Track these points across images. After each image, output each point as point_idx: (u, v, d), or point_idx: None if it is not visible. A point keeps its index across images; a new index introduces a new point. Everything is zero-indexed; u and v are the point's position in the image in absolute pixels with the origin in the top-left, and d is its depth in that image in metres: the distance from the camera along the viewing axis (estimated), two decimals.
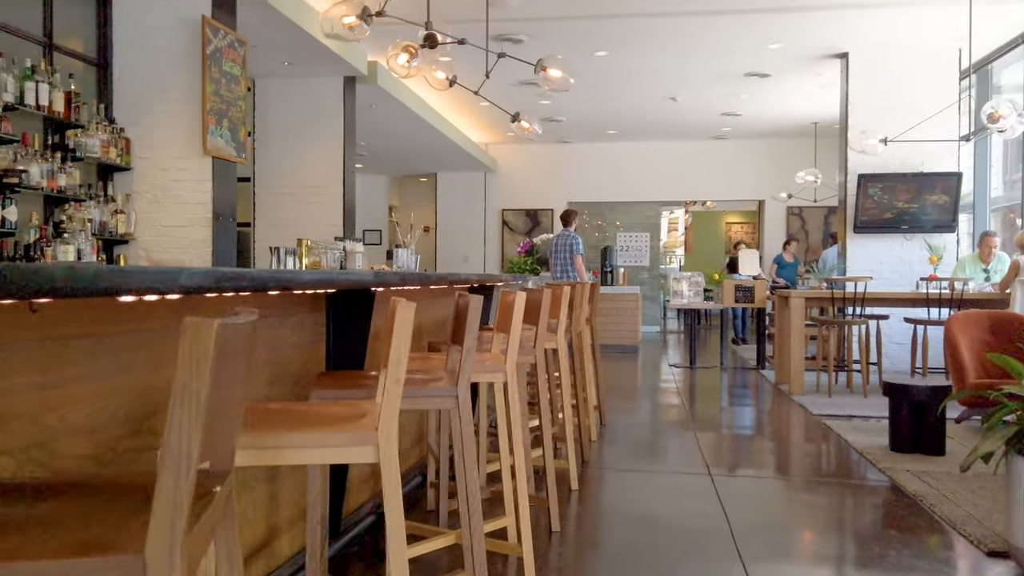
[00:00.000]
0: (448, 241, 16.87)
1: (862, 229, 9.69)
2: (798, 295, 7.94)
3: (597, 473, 4.87)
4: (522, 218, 16.69)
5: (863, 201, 9.65)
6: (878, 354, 8.37)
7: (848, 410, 6.97)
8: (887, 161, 9.63)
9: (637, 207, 16.59)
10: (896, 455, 5.16)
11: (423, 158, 15.32)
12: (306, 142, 8.78)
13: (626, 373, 10.05)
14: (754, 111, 13.23)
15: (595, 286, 6.67)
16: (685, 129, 14.88)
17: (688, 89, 11.69)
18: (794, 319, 7.86)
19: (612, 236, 16.69)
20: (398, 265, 5.58)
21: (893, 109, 9.47)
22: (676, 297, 10.28)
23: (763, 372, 9.72)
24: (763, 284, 9.95)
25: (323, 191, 8.74)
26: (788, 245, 13.51)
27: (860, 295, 7.68)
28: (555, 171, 16.58)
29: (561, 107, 12.85)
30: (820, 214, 15.86)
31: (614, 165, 16.37)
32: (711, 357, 11.52)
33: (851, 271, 9.77)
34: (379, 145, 13.73)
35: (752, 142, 15.88)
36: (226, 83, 6.07)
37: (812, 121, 14.10)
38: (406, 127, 12.00)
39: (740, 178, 16.03)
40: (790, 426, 6.61)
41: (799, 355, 7.86)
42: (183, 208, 5.98)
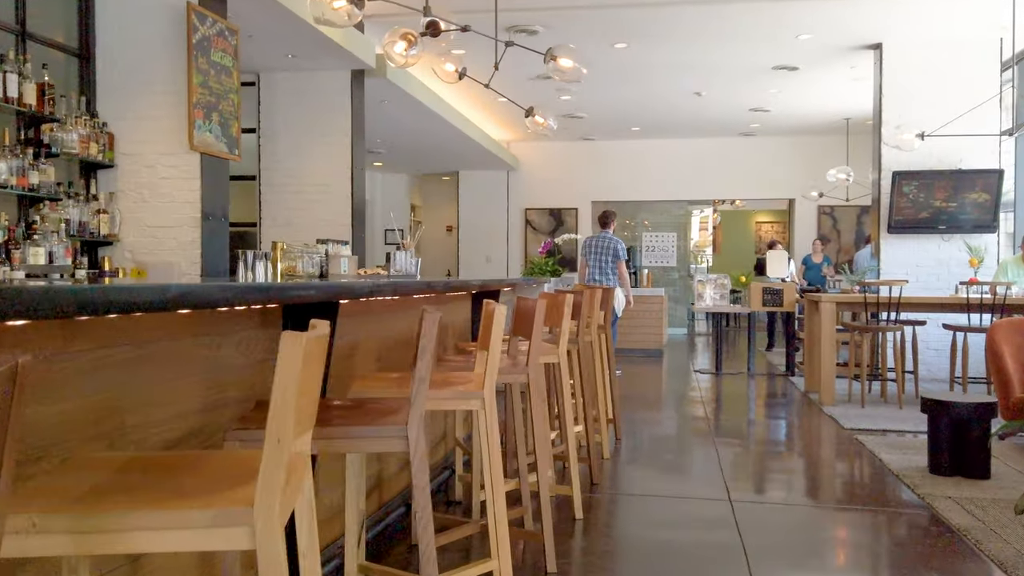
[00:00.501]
0: (470, 241, 16.51)
1: (897, 229, 9.19)
2: (829, 299, 7.48)
3: (606, 498, 4.46)
4: (546, 217, 16.29)
5: (898, 200, 9.15)
6: (914, 362, 7.89)
7: (882, 423, 6.50)
8: (923, 158, 9.13)
9: (663, 206, 16.12)
10: (936, 478, 4.70)
11: (443, 156, 14.96)
12: (313, 138, 8.44)
13: (648, 379, 9.62)
14: (783, 107, 12.73)
15: (608, 291, 6.26)
16: (711, 126, 14.40)
17: (714, 84, 11.23)
18: (825, 325, 7.39)
19: (638, 236, 16.23)
20: (395, 269, 5.20)
21: (930, 103, 8.97)
22: (699, 300, 9.83)
23: (792, 379, 9.25)
24: (792, 287, 9.48)
25: (330, 189, 8.39)
26: (816, 244, 13.03)
27: (895, 300, 7.20)
28: (579, 169, 16.16)
29: (582, 103, 12.44)
30: (852, 214, 15.31)
31: (639, 163, 15.93)
32: (738, 362, 11.05)
33: (885, 273, 9.28)
34: (397, 143, 13.39)
35: (781, 139, 15.36)
36: (215, 74, 5.72)
37: (844, 117, 13.58)
38: (422, 124, 11.64)
39: (769, 176, 15.52)
40: (820, 442, 6.16)
41: (830, 363, 7.39)
42: (170, 207, 5.64)
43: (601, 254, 9.76)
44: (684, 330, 16.07)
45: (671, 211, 16.14)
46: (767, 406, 7.76)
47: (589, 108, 12.88)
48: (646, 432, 6.46)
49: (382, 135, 12.51)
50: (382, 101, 9.90)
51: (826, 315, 7.39)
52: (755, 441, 6.17)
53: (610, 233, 9.87)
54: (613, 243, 9.73)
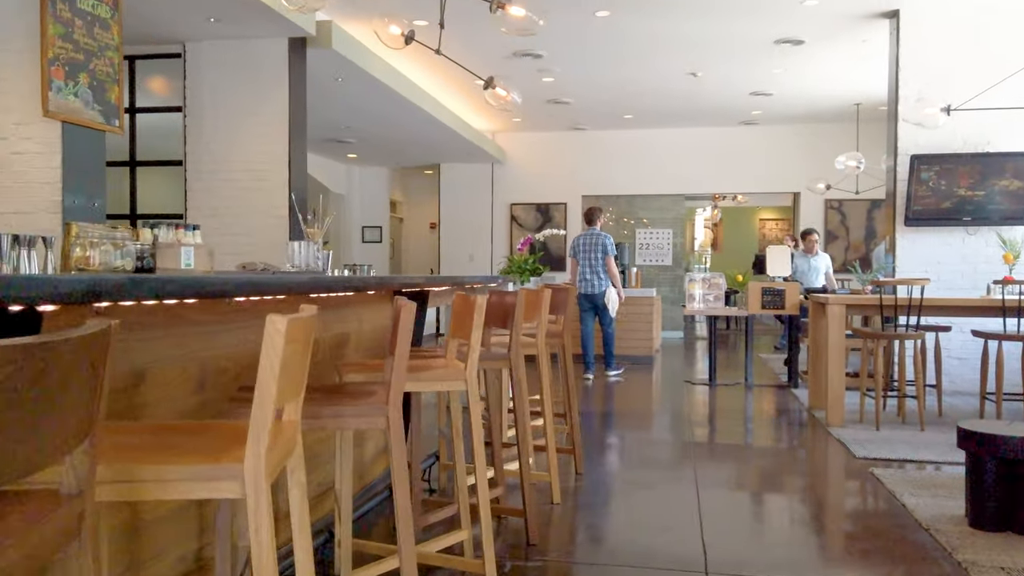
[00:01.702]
0: (453, 239, 15.44)
1: (915, 222, 8.10)
2: (838, 301, 6.38)
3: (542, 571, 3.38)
4: (532, 213, 15.22)
5: (916, 188, 8.05)
6: (937, 375, 6.79)
7: (902, 451, 5.40)
8: (945, 139, 8.05)
9: (658, 201, 15.03)
10: (978, 535, 3.61)
11: (422, 148, 13.90)
12: (245, 118, 7.39)
13: (632, 392, 8.53)
14: (787, 90, 11.63)
15: (565, 290, 5.21)
16: (710, 113, 13.30)
17: (710, 62, 10.13)
18: (832, 331, 6.30)
19: (632, 232, 15.13)
20: (292, 265, 4.13)
21: (953, 76, 7.89)
22: (690, 302, 8.73)
23: (795, 392, 8.15)
24: (795, 287, 8.38)
25: (265, 176, 7.34)
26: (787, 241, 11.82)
27: (917, 302, 6.10)
28: (568, 162, 15.09)
29: (566, 86, 11.35)
30: (862, 208, 14.20)
31: (632, 155, 14.85)
32: (736, 371, 9.95)
33: (901, 272, 8.19)
34: (368, 132, 12.32)
35: (785, 128, 14.26)
36: (84, 26, 4.66)
37: (854, 103, 12.48)
38: (390, 109, 10.57)
39: (772, 168, 14.42)
40: (826, 479, 5.06)
41: (838, 376, 6.29)
42: (25, 191, 4.58)
43: (590, 252, 9.24)
44: (680, 333, 14.97)
45: (667, 206, 15.03)
46: (765, 427, 6.66)
47: (575, 92, 11.79)
48: (614, 465, 5.38)
49: (348, 121, 11.44)
50: (337, 79, 8.84)
51: (834, 320, 6.30)
52: (748, 478, 5.08)
53: (597, 229, 9.39)
54: (601, 239, 9.23)
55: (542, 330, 4.56)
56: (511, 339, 3.87)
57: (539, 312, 4.36)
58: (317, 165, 14.49)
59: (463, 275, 8.35)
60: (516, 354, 3.95)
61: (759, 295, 8.40)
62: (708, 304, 8.70)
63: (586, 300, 9.54)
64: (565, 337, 5.04)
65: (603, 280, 9.21)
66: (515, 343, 3.88)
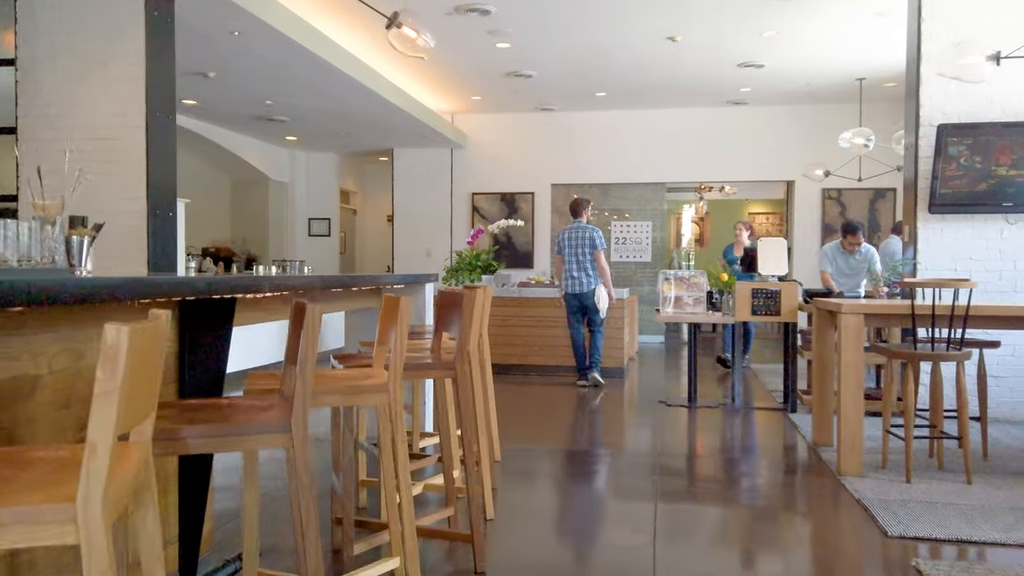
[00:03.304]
0: (408, 232, 13.84)
1: (942, 208, 6.56)
2: (854, 309, 4.79)
3: None
4: (496, 204, 13.64)
5: (943, 167, 6.50)
6: (981, 405, 5.23)
7: (953, 524, 3.83)
8: (979, 106, 6.54)
9: (636, 190, 13.46)
10: None
11: (370, 129, 12.28)
12: (91, 73, 5.77)
13: (592, 416, 6.96)
14: (780, 61, 10.06)
15: (477, 291, 3.70)
16: (693, 91, 11.73)
17: (692, 21, 8.55)
18: (848, 349, 4.72)
19: (607, 225, 13.56)
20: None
21: (990, 24, 6.34)
22: (664, 306, 7.14)
23: (793, 418, 6.59)
24: (793, 288, 6.81)
25: (116, 147, 5.71)
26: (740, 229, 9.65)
27: (961, 310, 4.54)
28: (536, 147, 13.51)
29: (525, 54, 9.75)
30: (864, 198, 12.66)
31: (607, 139, 13.29)
32: (721, 387, 8.40)
33: (923, 270, 6.66)
34: (298, 107, 10.69)
35: (778, 108, 12.70)
36: None
37: (856, 77, 10.94)
38: (315, 77, 8.95)
39: (764, 154, 12.87)
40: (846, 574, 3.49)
41: (855, 410, 4.72)
42: None
43: (578, 247, 8.27)
44: (661, 337, 13.41)
45: (646, 196, 13.47)
46: (754, 476, 5.07)
47: (537, 62, 10.20)
48: (537, 545, 3.80)
49: (269, 94, 9.81)
50: (232, 32, 7.23)
51: (850, 334, 4.72)
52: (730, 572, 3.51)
53: (584, 222, 8.42)
54: (589, 232, 8.36)
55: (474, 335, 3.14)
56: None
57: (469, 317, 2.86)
58: (251, 149, 12.87)
59: (379, 275, 6.74)
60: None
61: (749, 298, 6.83)
62: (686, 309, 7.12)
63: (574, 300, 8.33)
64: (470, 352, 3.49)
65: (592, 278, 8.27)
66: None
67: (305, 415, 1.97)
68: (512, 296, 9.23)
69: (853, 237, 7.34)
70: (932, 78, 6.66)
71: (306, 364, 1.97)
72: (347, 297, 4.54)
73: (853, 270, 7.41)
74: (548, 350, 9.11)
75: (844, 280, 7.40)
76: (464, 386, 3.32)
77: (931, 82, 6.67)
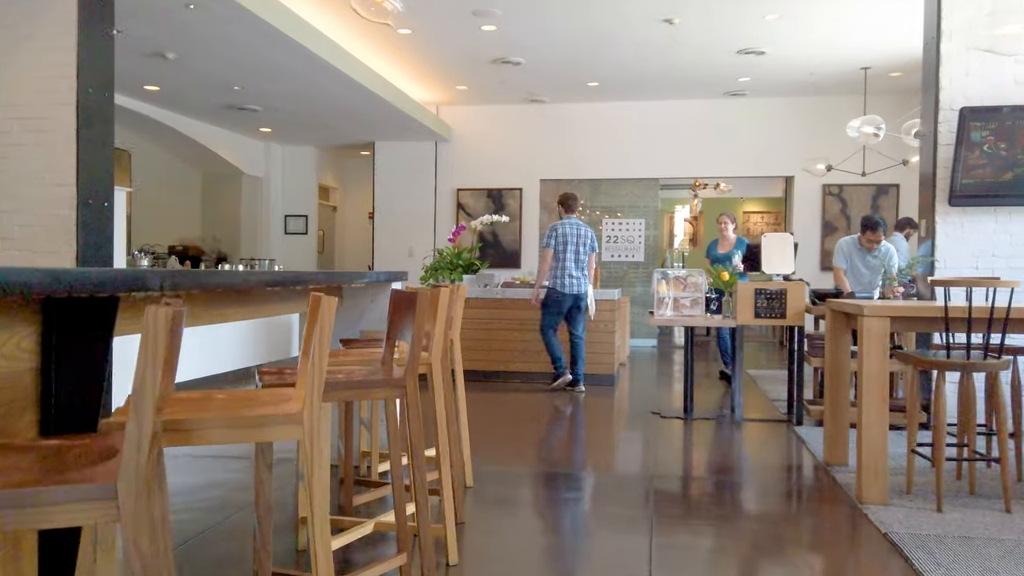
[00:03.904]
0: (390, 230, 13.20)
1: (963, 200, 5.96)
2: (879, 312, 4.17)
3: None
4: (483, 200, 13.01)
5: (965, 155, 5.90)
6: (1016, 420, 4.61)
7: (997, 565, 3.23)
8: (1004, 89, 5.94)
9: (629, 186, 12.85)
10: None
11: (349, 121, 11.65)
12: (13, 42, 5.13)
13: (576, 433, 6.34)
14: (782, 48, 9.47)
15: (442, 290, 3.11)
16: (690, 82, 11.13)
17: (691, 3, 7.94)
18: (871, 359, 4.11)
19: (597, 223, 12.96)
20: None
21: None
22: (659, 308, 6.52)
23: (799, 431, 5.98)
24: (800, 289, 6.20)
25: (43, 127, 5.08)
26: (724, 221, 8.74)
27: (1001, 313, 3.93)
28: (524, 140, 12.89)
29: (513, 38, 9.13)
30: (866, 194, 12.07)
31: (599, 133, 12.68)
32: (720, 395, 7.79)
33: (942, 269, 6.07)
34: (269, 95, 10.05)
35: (778, 100, 12.11)
36: None
37: (861, 67, 10.38)
38: (285, 60, 8.31)
39: (763, 148, 12.28)
40: None
41: (879, 428, 4.11)
42: None
43: (579, 244, 7.87)
44: (654, 341, 12.80)
45: (639, 192, 12.85)
46: (762, 502, 4.45)
47: (526, 48, 9.58)
48: None
49: (237, 79, 9.17)
50: (187, 5, 6.59)
51: (873, 339, 4.11)
52: None
53: (576, 219, 8.03)
54: (589, 231, 7.99)
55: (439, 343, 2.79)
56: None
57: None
58: (223, 141, 12.22)
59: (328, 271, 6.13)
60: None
61: (751, 299, 6.23)
62: (683, 312, 6.50)
63: (571, 301, 7.82)
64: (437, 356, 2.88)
65: (587, 279, 7.90)
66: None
67: (138, 468, 1.34)
68: (495, 297, 8.61)
69: (873, 234, 6.64)
70: (953, 57, 6.07)
71: (143, 394, 1.35)
72: (277, 300, 3.91)
73: (870, 269, 6.76)
74: (532, 355, 8.49)
75: (859, 279, 6.76)
76: (414, 407, 2.71)
77: (952, 62, 6.08)
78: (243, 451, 5.09)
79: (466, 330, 8.49)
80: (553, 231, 7.88)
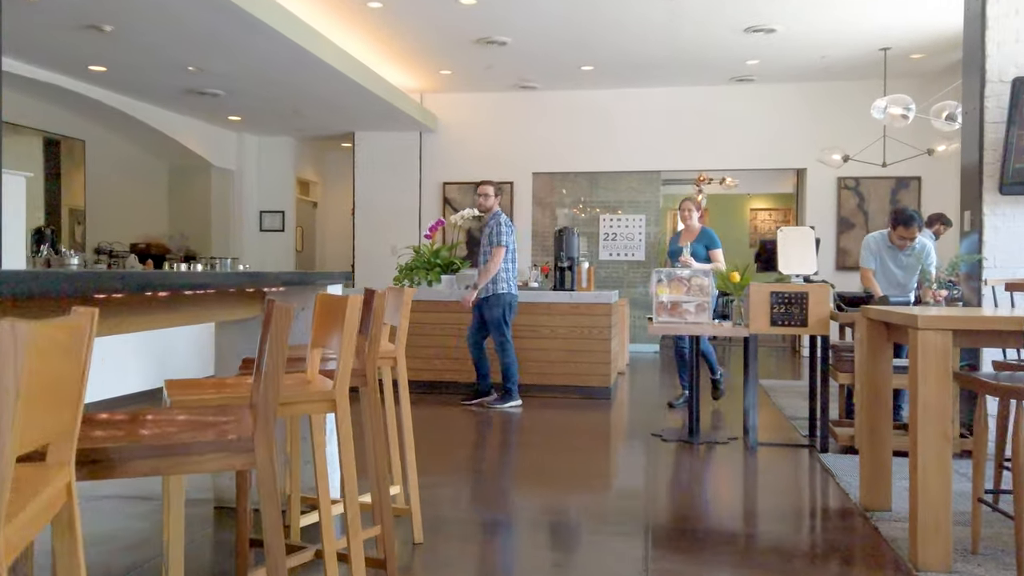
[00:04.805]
0: (371, 226, 12.31)
1: (1017, 188, 5.07)
2: (938, 323, 3.23)
3: None
4: (470, 194, 12.07)
5: (1020, 134, 5.01)
6: None
7: None
8: None
9: (628, 180, 11.95)
10: None
11: (324, 109, 10.76)
12: None
13: (562, 461, 5.43)
14: (794, 24, 8.56)
15: (378, 295, 2.38)
16: (694, 64, 10.22)
17: None
18: (929, 382, 3.19)
19: (595, 219, 12.06)
20: None
21: None
22: (659, 314, 5.59)
23: (824, 460, 5.06)
24: (824, 292, 5.28)
25: None
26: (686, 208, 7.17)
27: None
28: (515, 130, 12.00)
29: (495, 12, 8.21)
30: (885, 188, 11.17)
31: (596, 122, 11.80)
32: (730, 412, 6.88)
33: (990, 267, 5.17)
34: (233, 79, 9.14)
35: (788, 87, 11.21)
36: None
37: (880, 48, 9.47)
38: (241, 36, 7.41)
39: (772, 139, 11.39)
40: None
41: (941, 475, 3.19)
42: None
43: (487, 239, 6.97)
44: (655, 347, 11.89)
45: (639, 187, 11.95)
46: (785, 566, 3.52)
47: (512, 25, 8.67)
48: None
49: (192, 58, 8.25)
50: None
51: (932, 357, 3.19)
52: None
53: None
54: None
55: None
56: (338, 377, 2.31)
57: None
58: (189, 130, 11.31)
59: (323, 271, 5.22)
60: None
61: (767, 304, 5.31)
62: (687, 318, 5.58)
63: (515, 307, 6.96)
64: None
65: None
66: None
67: None
68: None
69: (906, 229, 5.65)
70: (1000, 20, 5.19)
71: None
72: (187, 308, 3.00)
73: (903, 269, 5.82)
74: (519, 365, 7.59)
75: (890, 281, 5.82)
76: (269, 479, 1.81)
77: (999, 25, 5.19)
78: (144, 489, 4.17)
79: (438, 336, 7.60)
80: (509, 225, 6.93)
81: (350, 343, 2.25)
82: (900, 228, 5.65)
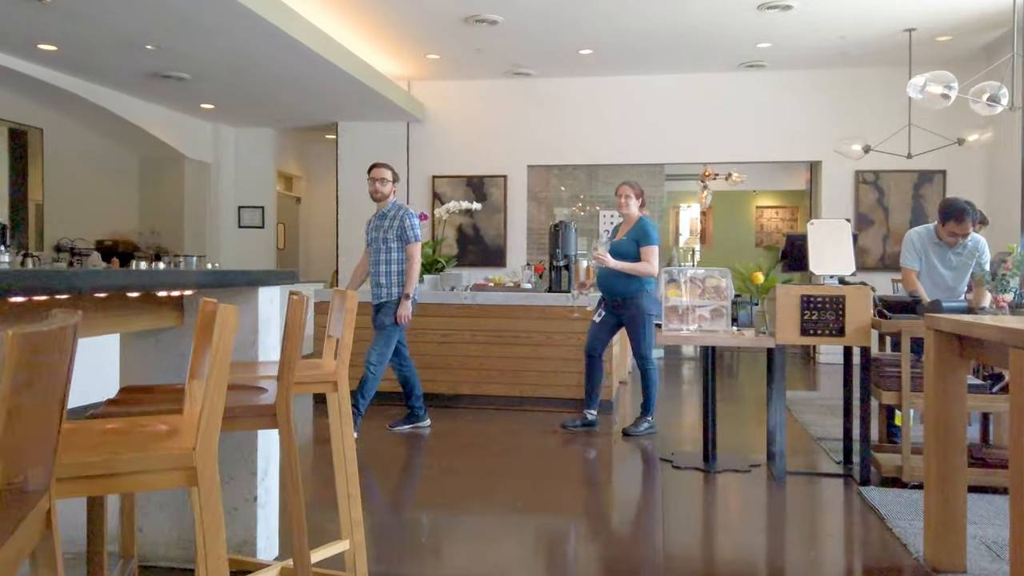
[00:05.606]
0: (357, 222, 11.44)
1: None
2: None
3: None
4: (462, 188, 11.33)
5: None
6: None
7: None
8: None
9: (629, 173, 11.12)
10: None
11: (304, 96, 9.98)
12: None
13: (554, 494, 4.66)
14: (812, 2, 7.79)
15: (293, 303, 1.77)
16: (701, 47, 9.43)
17: None
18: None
19: (593, 214, 11.30)
20: None
21: None
22: (669, 321, 4.81)
23: (867, 494, 4.27)
24: (863, 296, 4.49)
25: None
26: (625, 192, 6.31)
27: None
28: (509, 120, 11.22)
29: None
30: (907, 182, 10.38)
31: (595, 111, 11.03)
32: (750, 434, 6.11)
33: None
34: (198, 61, 8.34)
35: (801, 75, 10.44)
36: None
37: (905, 28, 8.68)
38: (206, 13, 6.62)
39: (784, 130, 10.62)
40: None
41: None
42: None
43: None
44: (659, 352, 11.10)
45: (641, 180, 11.09)
46: None
47: (502, 2, 7.88)
48: None
49: (146, 35, 7.45)
50: None
51: None
52: None
53: None
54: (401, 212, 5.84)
55: None
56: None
57: None
58: (159, 119, 10.52)
59: None
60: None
61: (796, 309, 4.53)
62: (703, 325, 4.80)
63: None
64: None
65: None
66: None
67: None
68: (461, 304, 6.93)
69: (958, 224, 4.82)
70: None
71: None
72: None
73: (952, 270, 5.03)
74: (510, 375, 6.83)
75: (936, 283, 5.03)
76: None
77: None
78: None
79: (424, 343, 6.82)
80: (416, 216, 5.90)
81: (220, 375, 1.48)
82: (951, 223, 4.86)
